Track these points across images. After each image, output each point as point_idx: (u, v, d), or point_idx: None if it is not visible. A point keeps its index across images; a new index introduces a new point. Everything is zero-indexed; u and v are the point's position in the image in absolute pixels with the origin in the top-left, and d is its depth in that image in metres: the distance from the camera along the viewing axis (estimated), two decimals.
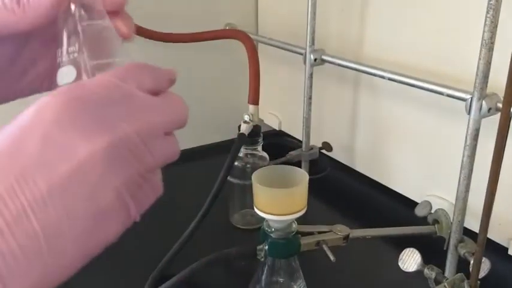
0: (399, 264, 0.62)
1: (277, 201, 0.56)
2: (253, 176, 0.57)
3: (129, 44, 0.38)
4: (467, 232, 0.62)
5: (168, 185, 1.05)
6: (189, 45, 1.01)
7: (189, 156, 1.11)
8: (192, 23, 1.04)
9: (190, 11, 1.06)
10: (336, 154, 0.97)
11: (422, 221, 0.69)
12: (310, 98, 0.89)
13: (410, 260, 0.61)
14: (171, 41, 1.00)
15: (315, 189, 0.63)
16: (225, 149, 0.66)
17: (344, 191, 0.96)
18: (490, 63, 0.54)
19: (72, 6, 0.34)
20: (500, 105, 0.57)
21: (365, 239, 0.66)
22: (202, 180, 0.73)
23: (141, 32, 0.97)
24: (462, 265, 0.61)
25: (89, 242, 0.29)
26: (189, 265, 0.60)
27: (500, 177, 0.49)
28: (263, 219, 0.58)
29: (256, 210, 0.57)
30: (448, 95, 0.64)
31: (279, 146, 1.08)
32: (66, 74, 0.33)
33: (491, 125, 0.54)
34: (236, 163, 0.80)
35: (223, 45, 1.00)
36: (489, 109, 0.57)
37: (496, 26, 0.52)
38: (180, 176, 1.04)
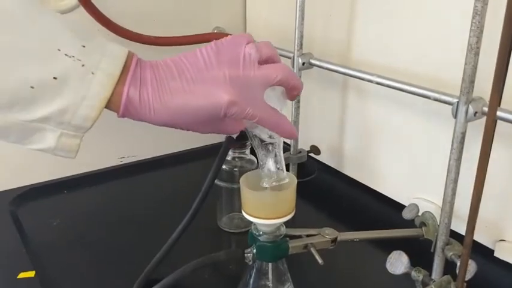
0: (387, 266, 0.62)
1: (265, 205, 0.56)
2: (241, 180, 0.57)
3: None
4: (454, 234, 0.63)
5: (155, 188, 1.05)
6: (178, 49, 1.01)
7: (177, 159, 1.11)
8: (180, 26, 1.04)
9: (179, 14, 1.06)
10: (324, 157, 0.98)
11: (410, 223, 0.69)
12: (298, 101, 0.90)
13: (397, 263, 0.61)
14: (159, 44, 0.99)
15: (303, 192, 0.63)
16: (213, 152, 0.66)
17: (332, 194, 0.97)
18: (476, 68, 0.54)
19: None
20: (486, 109, 0.57)
21: (353, 242, 0.66)
22: (190, 184, 0.73)
23: (131, 36, 0.97)
24: (449, 267, 0.61)
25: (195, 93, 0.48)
26: (176, 269, 0.60)
27: (486, 180, 0.49)
28: (251, 222, 0.58)
29: (244, 214, 0.57)
30: (435, 99, 0.65)
31: None
32: None
33: (477, 129, 0.54)
34: (224, 166, 0.80)
35: None
36: (475, 113, 0.57)
37: (482, 31, 0.53)
38: (168, 179, 1.04)
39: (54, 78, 0.42)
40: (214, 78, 0.48)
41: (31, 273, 0.71)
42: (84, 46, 0.44)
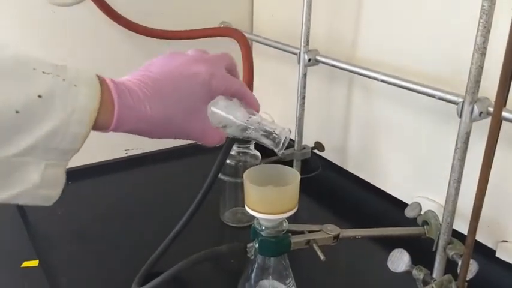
0: (388, 264, 0.62)
1: (268, 200, 0.56)
2: (245, 175, 0.57)
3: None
4: (456, 234, 0.63)
5: (159, 180, 1.05)
6: (184, 43, 1.01)
7: (181, 153, 1.11)
8: (187, 20, 1.04)
9: (186, 8, 1.06)
10: (328, 154, 0.98)
11: (412, 222, 0.69)
12: (303, 97, 0.90)
13: (399, 261, 0.61)
14: (167, 38, 1.00)
15: (306, 188, 0.63)
16: (217, 147, 0.66)
17: (335, 191, 0.97)
18: (482, 68, 0.54)
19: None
20: (491, 109, 0.57)
21: (355, 239, 0.66)
22: (194, 177, 0.73)
23: (139, 29, 0.97)
24: (450, 266, 0.61)
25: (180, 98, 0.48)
26: (178, 262, 0.60)
27: (489, 181, 0.49)
28: (254, 217, 0.58)
29: (247, 208, 0.57)
30: (440, 98, 0.65)
31: None
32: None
33: (482, 129, 0.54)
34: (228, 161, 0.80)
35: (217, 43, 1.00)
36: (480, 113, 0.57)
37: (489, 31, 0.53)
38: (173, 173, 1.04)
39: (39, 96, 0.39)
40: (183, 62, 0.49)
41: (35, 262, 0.71)
42: (56, 65, 0.42)
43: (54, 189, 0.43)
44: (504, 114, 0.55)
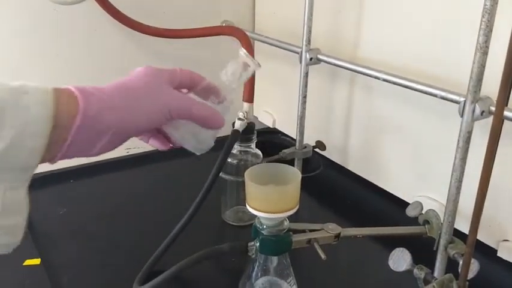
0: (389, 263, 0.62)
1: (269, 199, 0.56)
2: (246, 174, 0.57)
3: None
4: (457, 233, 0.63)
5: (161, 179, 1.05)
6: (184, 42, 1.01)
7: (183, 151, 1.11)
8: (189, 19, 1.04)
9: (188, 7, 1.06)
10: (329, 153, 0.98)
11: (413, 221, 0.69)
12: (305, 96, 0.90)
13: (400, 260, 0.61)
14: (168, 36, 1.00)
15: (307, 187, 0.63)
16: (218, 146, 0.66)
17: (336, 190, 0.97)
18: (484, 67, 0.54)
19: None
20: (493, 108, 0.57)
21: (356, 238, 0.66)
22: (195, 176, 0.73)
23: (141, 28, 0.97)
24: (451, 266, 0.61)
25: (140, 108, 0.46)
26: (179, 261, 0.60)
27: (490, 180, 0.49)
28: (255, 216, 0.59)
29: (248, 207, 0.57)
30: (442, 97, 0.65)
31: (272, 143, 1.08)
32: None
33: (483, 128, 0.54)
34: (229, 160, 0.80)
35: (218, 42, 1.00)
36: (482, 112, 0.57)
37: (491, 30, 0.52)
38: (174, 172, 1.04)
39: None
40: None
41: (36, 261, 0.71)
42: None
43: (18, 215, 0.38)
44: (506, 113, 0.55)
